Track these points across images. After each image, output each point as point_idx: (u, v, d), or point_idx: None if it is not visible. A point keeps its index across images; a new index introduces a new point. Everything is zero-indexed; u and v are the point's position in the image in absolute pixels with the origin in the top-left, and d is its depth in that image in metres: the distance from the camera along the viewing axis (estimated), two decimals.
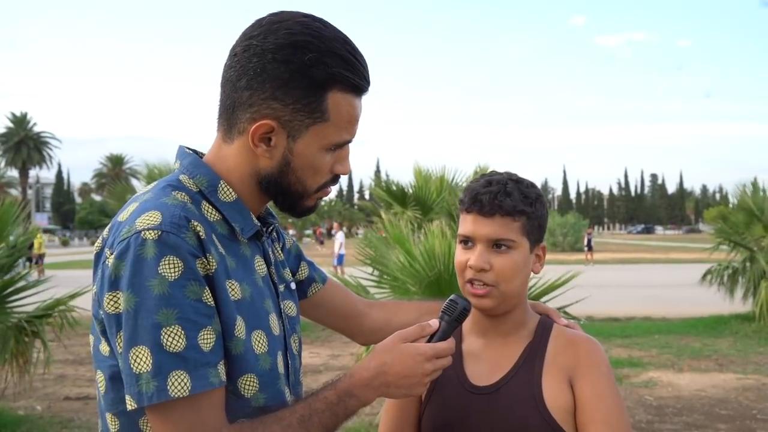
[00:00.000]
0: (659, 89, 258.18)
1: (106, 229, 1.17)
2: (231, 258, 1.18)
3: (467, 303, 1.29)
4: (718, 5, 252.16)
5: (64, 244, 65.93)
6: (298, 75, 1.14)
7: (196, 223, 1.12)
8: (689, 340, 9.80)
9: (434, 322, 1.25)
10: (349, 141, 1.23)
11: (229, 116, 1.19)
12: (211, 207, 1.20)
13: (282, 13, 1.19)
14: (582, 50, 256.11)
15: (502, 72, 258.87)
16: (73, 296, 5.70)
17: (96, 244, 1.18)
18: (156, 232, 1.07)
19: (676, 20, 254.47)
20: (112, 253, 1.09)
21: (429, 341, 1.23)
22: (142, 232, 1.07)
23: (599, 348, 1.39)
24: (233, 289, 1.15)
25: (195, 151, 1.27)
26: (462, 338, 1.48)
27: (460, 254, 1.40)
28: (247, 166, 1.20)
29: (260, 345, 1.19)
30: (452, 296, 1.30)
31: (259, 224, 1.25)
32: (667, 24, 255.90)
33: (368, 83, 1.21)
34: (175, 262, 1.07)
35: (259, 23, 1.18)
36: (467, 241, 1.39)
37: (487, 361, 1.42)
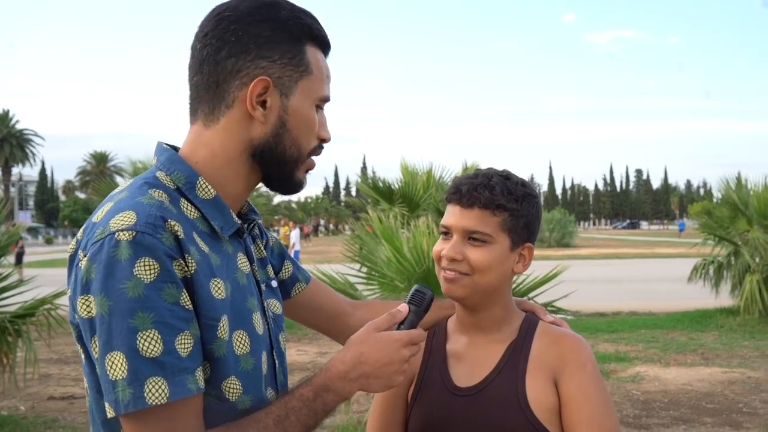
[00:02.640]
0: (646, 86, 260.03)
1: (81, 230, 1.13)
2: (215, 255, 1.15)
3: (432, 292, 1.29)
4: (707, 3, 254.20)
5: (48, 242, 65.39)
6: (278, 30, 1.16)
7: (173, 223, 1.08)
8: (675, 334, 9.87)
9: (404, 307, 1.26)
10: (329, 98, 1.24)
11: (213, 95, 1.16)
12: (189, 204, 1.16)
13: None
14: (570, 48, 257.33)
15: (489, 69, 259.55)
16: (57, 295, 5.65)
17: (70, 246, 1.13)
18: (130, 232, 1.03)
19: (665, 17, 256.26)
20: (85, 255, 1.05)
21: (398, 328, 1.23)
22: (116, 233, 1.03)
23: (585, 346, 1.37)
24: (218, 288, 1.12)
25: (174, 147, 1.24)
26: (447, 338, 1.47)
27: (438, 244, 1.40)
28: (237, 141, 1.17)
29: (241, 346, 1.15)
30: (416, 286, 1.29)
31: (239, 222, 1.22)
32: (656, 21, 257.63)
33: (330, 42, 1.25)
34: (151, 263, 1.02)
35: (221, 4, 1.19)
36: (446, 232, 1.38)
37: (470, 361, 1.41)
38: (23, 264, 20.58)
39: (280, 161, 1.20)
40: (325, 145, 1.26)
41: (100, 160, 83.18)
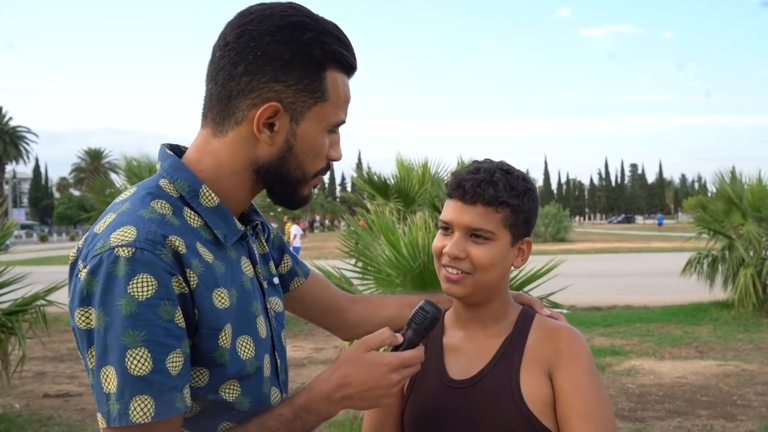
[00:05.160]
0: (641, 80, 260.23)
1: (82, 239, 1.13)
2: (220, 263, 1.15)
3: (437, 311, 1.24)
4: None
5: (43, 239, 65.16)
6: (298, 54, 1.12)
7: (174, 239, 1.08)
8: (670, 328, 9.89)
9: (400, 337, 1.21)
10: (344, 122, 1.22)
11: (224, 107, 1.15)
12: (193, 213, 1.16)
13: (267, 2, 1.18)
14: (565, 42, 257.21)
15: (485, 64, 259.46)
16: (49, 291, 5.61)
17: (71, 254, 1.13)
18: (130, 249, 1.03)
19: (660, 12, 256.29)
20: (85, 267, 1.06)
21: (396, 350, 1.19)
22: (116, 249, 1.03)
23: (580, 339, 1.36)
24: (221, 297, 1.13)
25: (177, 147, 1.24)
26: (443, 331, 1.46)
27: (438, 240, 1.37)
28: (242, 157, 1.16)
29: (246, 350, 1.16)
30: (421, 303, 1.25)
31: (242, 228, 1.22)
32: (651, 16, 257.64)
33: (357, 64, 1.21)
34: (149, 280, 1.03)
35: (248, 12, 1.16)
36: (447, 228, 1.36)
37: (466, 355, 1.40)
38: None
39: (283, 181, 1.20)
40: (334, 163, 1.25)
41: (95, 157, 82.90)
